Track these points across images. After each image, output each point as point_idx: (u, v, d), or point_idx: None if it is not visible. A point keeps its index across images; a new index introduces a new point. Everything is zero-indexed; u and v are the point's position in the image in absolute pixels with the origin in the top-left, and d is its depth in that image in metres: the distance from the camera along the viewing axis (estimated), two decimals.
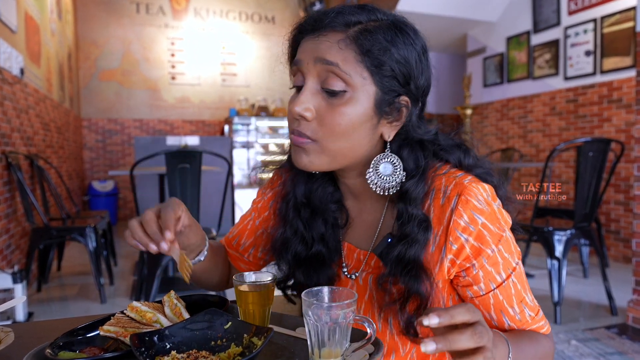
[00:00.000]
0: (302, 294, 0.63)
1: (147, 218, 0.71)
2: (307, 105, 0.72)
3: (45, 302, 3.25)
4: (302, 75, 0.74)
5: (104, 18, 6.99)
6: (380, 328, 0.80)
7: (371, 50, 0.70)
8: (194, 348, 0.68)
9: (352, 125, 0.72)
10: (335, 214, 0.84)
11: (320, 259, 0.83)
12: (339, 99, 0.71)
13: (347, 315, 0.60)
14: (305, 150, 0.74)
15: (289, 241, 0.85)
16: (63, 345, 0.68)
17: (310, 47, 0.73)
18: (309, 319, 0.61)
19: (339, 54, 0.70)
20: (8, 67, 3.27)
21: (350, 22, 0.72)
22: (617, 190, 4.30)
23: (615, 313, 2.92)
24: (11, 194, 3.29)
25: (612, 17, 4.32)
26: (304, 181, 0.85)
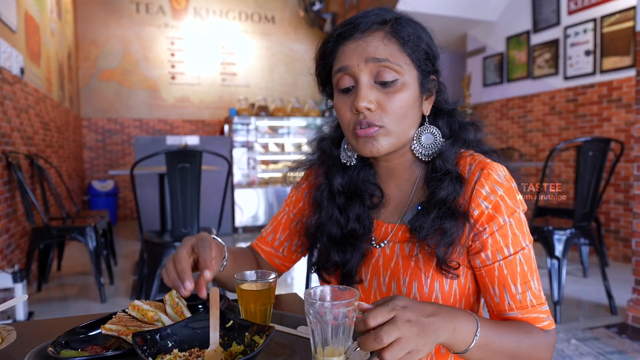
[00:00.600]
0: (304, 293, 0.64)
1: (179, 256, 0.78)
2: (369, 99, 0.81)
3: (46, 301, 3.25)
4: (352, 77, 0.83)
5: (103, 18, 6.98)
6: (405, 293, 0.85)
7: (408, 40, 0.83)
8: (195, 346, 0.68)
9: (408, 106, 0.83)
10: (373, 193, 0.93)
11: (355, 236, 0.90)
12: (393, 87, 0.81)
13: (349, 314, 0.61)
14: (374, 138, 0.82)
15: (324, 225, 0.93)
16: (65, 343, 0.68)
17: (357, 50, 0.82)
18: (311, 317, 0.61)
19: (386, 50, 0.81)
20: (8, 66, 3.27)
21: (385, 20, 0.83)
22: (616, 189, 4.30)
23: (615, 312, 2.92)
24: (11, 194, 3.29)
25: (612, 17, 4.32)
26: (340, 172, 0.94)
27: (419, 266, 0.84)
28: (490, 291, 0.81)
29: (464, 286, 0.85)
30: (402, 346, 0.59)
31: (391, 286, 0.86)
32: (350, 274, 0.90)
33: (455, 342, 0.67)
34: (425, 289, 0.83)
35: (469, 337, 0.68)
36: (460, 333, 0.67)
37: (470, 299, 0.87)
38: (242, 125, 6.20)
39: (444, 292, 0.84)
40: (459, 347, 0.68)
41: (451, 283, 0.84)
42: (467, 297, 0.86)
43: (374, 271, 0.89)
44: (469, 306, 0.87)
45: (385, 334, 0.58)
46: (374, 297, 0.89)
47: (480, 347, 0.69)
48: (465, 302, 0.86)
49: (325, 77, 0.90)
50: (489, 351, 0.70)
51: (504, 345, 0.72)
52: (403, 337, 0.59)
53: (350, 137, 0.85)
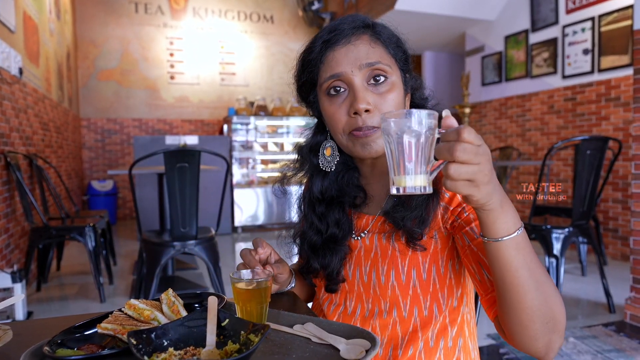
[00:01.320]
0: (380, 115, 0.64)
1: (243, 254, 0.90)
2: (367, 100, 0.83)
3: (45, 301, 3.26)
4: (344, 82, 0.85)
5: (102, 18, 6.98)
6: (383, 281, 0.86)
7: (390, 42, 0.87)
8: (191, 345, 0.68)
9: (398, 105, 0.86)
10: (356, 194, 0.95)
11: (334, 240, 0.93)
12: (385, 87, 0.84)
13: (434, 126, 0.58)
14: (373, 140, 0.84)
15: (305, 233, 0.97)
16: (61, 342, 0.68)
17: (348, 56, 0.84)
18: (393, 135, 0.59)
19: (375, 53, 0.84)
20: (7, 66, 3.27)
21: (366, 24, 0.87)
22: (615, 188, 4.31)
23: (613, 310, 2.93)
24: (10, 194, 3.29)
25: (610, 16, 4.32)
26: (319, 179, 0.96)
27: (395, 254, 0.86)
28: (485, 265, 0.76)
29: (444, 276, 0.85)
30: (471, 170, 0.56)
31: (371, 275, 0.88)
32: (333, 276, 0.92)
33: (497, 219, 0.63)
34: (402, 277, 0.85)
35: (511, 224, 0.64)
36: (506, 214, 0.63)
37: (454, 291, 0.87)
38: (241, 124, 6.21)
39: (422, 280, 0.85)
40: (499, 228, 0.63)
41: (429, 272, 0.84)
42: (449, 287, 0.86)
43: (356, 262, 0.92)
44: (452, 297, 0.87)
45: (464, 150, 0.55)
46: (357, 287, 0.91)
47: (517, 245, 0.64)
48: (449, 292, 0.86)
49: (309, 86, 0.91)
50: (522, 257, 0.65)
51: (535, 266, 0.66)
52: (476, 164, 0.56)
53: (345, 140, 0.86)
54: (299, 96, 0.96)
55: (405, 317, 0.86)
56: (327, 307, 0.97)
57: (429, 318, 0.86)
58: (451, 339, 0.87)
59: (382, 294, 0.87)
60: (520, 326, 0.68)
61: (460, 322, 0.88)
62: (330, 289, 0.95)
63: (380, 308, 0.88)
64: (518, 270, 0.65)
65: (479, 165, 0.56)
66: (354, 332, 0.72)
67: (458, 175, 0.56)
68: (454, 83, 7.32)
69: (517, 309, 0.67)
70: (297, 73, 0.94)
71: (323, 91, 0.88)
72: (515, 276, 0.65)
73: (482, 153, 0.57)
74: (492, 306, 0.77)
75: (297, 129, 6.67)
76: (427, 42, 6.79)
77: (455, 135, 0.56)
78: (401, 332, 0.86)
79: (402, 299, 0.86)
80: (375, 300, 0.88)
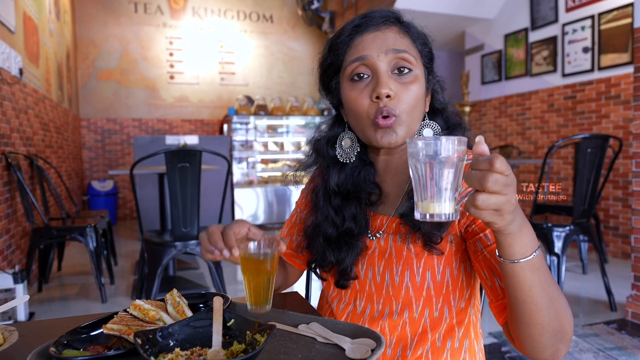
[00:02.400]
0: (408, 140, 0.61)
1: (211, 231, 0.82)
2: (390, 86, 0.83)
3: (46, 302, 3.26)
4: (369, 67, 0.85)
5: (101, 18, 6.98)
6: (397, 282, 0.86)
7: (418, 37, 0.89)
8: (197, 345, 0.69)
9: (418, 98, 0.86)
10: (372, 190, 0.94)
11: (350, 234, 0.92)
12: (408, 78, 0.85)
13: (462, 155, 0.58)
14: (393, 129, 0.84)
15: (320, 226, 0.95)
16: (67, 343, 0.68)
17: (376, 41, 0.85)
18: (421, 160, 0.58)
19: (404, 42, 0.86)
20: (7, 67, 3.27)
21: (397, 16, 0.89)
22: (615, 186, 4.31)
23: (614, 309, 2.93)
24: (11, 194, 3.29)
25: (610, 14, 4.32)
26: (336, 171, 0.95)
27: (411, 256, 0.86)
28: (496, 272, 0.77)
29: (457, 278, 0.86)
30: (499, 201, 0.56)
31: (385, 275, 0.88)
32: (346, 271, 0.92)
33: (515, 242, 0.63)
34: (417, 278, 0.85)
35: (528, 247, 0.64)
36: (524, 237, 0.63)
37: (464, 292, 0.88)
38: (241, 124, 6.21)
39: (436, 281, 0.85)
40: (516, 251, 0.64)
41: (443, 273, 0.85)
42: (460, 290, 0.87)
43: (369, 262, 0.91)
44: (462, 299, 0.87)
45: (495, 182, 0.55)
46: (368, 287, 0.91)
47: (533, 267, 0.65)
48: (459, 294, 0.87)
49: (333, 70, 0.91)
50: (537, 277, 0.66)
51: (549, 284, 0.67)
52: (504, 194, 0.56)
53: (369, 127, 0.86)
54: (321, 83, 0.96)
55: (416, 318, 0.86)
56: (335, 305, 0.97)
57: (439, 319, 0.86)
58: (458, 339, 0.87)
59: (395, 294, 0.87)
60: (530, 339, 0.70)
61: (467, 324, 0.89)
62: (341, 285, 0.94)
63: (391, 309, 0.88)
64: (532, 289, 0.66)
65: (506, 196, 0.56)
66: (359, 331, 0.72)
67: (486, 205, 0.56)
68: (453, 82, 7.31)
69: (528, 324, 0.69)
70: (322, 58, 0.93)
71: (346, 76, 0.88)
72: (529, 295, 0.67)
73: (511, 183, 0.57)
74: (502, 312, 0.78)
75: (296, 128, 6.67)
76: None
77: (488, 165, 0.56)
78: (410, 333, 0.86)
79: (416, 300, 0.86)
80: (387, 300, 0.88)
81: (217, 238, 0.79)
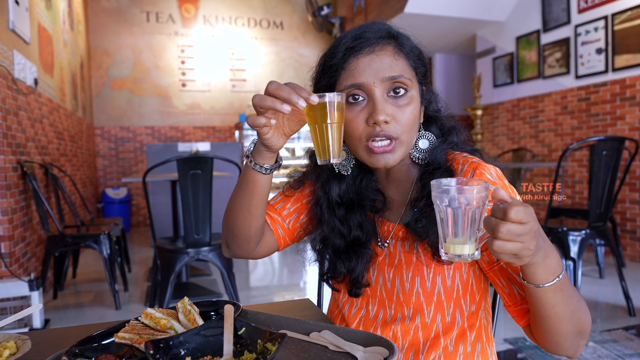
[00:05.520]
0: (432, 182, 0.62)
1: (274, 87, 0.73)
2: (387, 112, 0.83)
3: (61, 309, 3.29)
4: (365, 91, 0.84)
5: (114, 27, 7.07)
6: (407, 288, 0.86)
7: (411, 54, 0.87)
8: (208, 354, 0.68)
9: (415, 118, 0.86)
10: (376, 198, 0.95)
11: (359, 243, 0.93)
12: (404, 100, 0.85)
13: (483, 199, 0.60)
14: (391, 152, 0.84)
15: (328, 238, 0.95)
16: (79, 352, 0.68)
17: (371, 67, 0.83)
18: (443, 205, 0.60)
19: (398, 66, 0.84)
20: (22, 77, 3.32)
21: (390, 35, 0.87)
22: (632, 189, 4.24)
23: (633, 314, 2.87)
24: (27, 203, 3.33)
25: (623, 14, 4.27)
26: (336, 183, 0.95)
27: (420, 261, 0.86)
28: (515, 281, 0.79)
29: (467, 282, 0.86)
30: (514, 247, 0.57)
31: (395, 282, 0.88)
32: (358, 279, 0.92)
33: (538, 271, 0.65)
34: (427, 284, 0.85)
35: (552, 273, 0.66)
36: (548, 265, 0.65)
37: (475, 296, 0.87)
38: (252, 130, 6.23)
39: (447, 286, 0.85)
40: (539, 278, 0.66)
41: (453, 278, 0.85)
42: (471, 294, 0.87)
43: (379, 268, 0.92)
44: (473, 303, 0.87)
45: (508, 231, 0.56)
46: (379, 292, 0.91)
47: (556, 289, 0.67)
48: (470, 298, 0.87)
49: (328, 90, 0.89)
50: (560, 296, 0.68)
51: (571, 298, 0.70)
52: (520, 242, 0.57)
53: (362, 149, 0.86)
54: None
55: (428, 323, 0.86)
56: (347, 310, 0.96)
57: (451, 324, 0.86)
58: (470, 343, 0.87)
59: (406, 300, 0.87)
60: (553, 343, 0.75)
61: (478, 327, 0.88)
62: (354, 294, 0.94)
63: (403, 314, 0.88)
64: (555, 307, 0.69)
65: (522, 244, 0.58)
66: (372, 339, 0.71)
67: (502, 250, 0.58)
68: (465, 85, 7.28)
69: (552, 334, 0.73)
70: (316, 76, 0.92)
71: None
72: (553, 311, 0.70)
73: (528, 231, 0.58)
74: (523, 317, 0.80)
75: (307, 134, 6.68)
76: (437, 44, 6.76)
77: (502, 213, 0.57)
78: (423, 338, 0.86)
79: (427, 306, 0.86)
80: (398, 306, 0.88)
81: (288, 90, 0.72)
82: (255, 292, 3.69)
